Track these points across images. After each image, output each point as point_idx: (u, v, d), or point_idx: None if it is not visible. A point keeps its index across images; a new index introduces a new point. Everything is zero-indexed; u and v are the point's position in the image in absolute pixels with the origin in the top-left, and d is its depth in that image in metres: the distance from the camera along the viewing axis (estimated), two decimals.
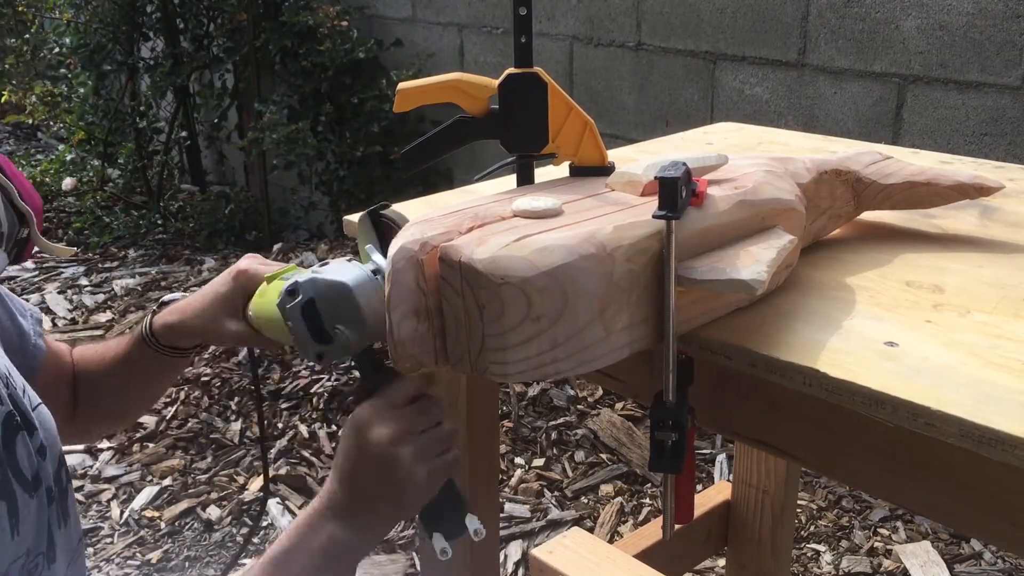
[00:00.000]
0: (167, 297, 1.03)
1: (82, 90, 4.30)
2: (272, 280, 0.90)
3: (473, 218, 0.75)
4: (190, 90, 4.33)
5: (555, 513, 2.31)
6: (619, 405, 2.72)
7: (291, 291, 0.79)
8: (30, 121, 4.84)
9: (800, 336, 0.74)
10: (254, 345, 0.99)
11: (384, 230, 0.81)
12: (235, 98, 4.21)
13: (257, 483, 2.43)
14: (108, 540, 2.27)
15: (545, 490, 2.41)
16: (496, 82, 0.89)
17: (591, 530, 2.24)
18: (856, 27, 2.31)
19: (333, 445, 2.52)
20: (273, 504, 2.35)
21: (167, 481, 2.46)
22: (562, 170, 0.94)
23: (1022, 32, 2.05)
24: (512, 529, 2.25)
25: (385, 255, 0.78)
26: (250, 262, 0.96)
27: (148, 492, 2.41)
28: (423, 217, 0.76)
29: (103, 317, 3.41)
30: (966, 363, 0.69)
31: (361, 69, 3.65)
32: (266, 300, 0.88)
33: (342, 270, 0.78)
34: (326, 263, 0.81)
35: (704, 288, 0.72)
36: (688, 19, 2.66)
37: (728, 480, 1.83)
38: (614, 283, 0.70)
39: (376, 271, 0.78)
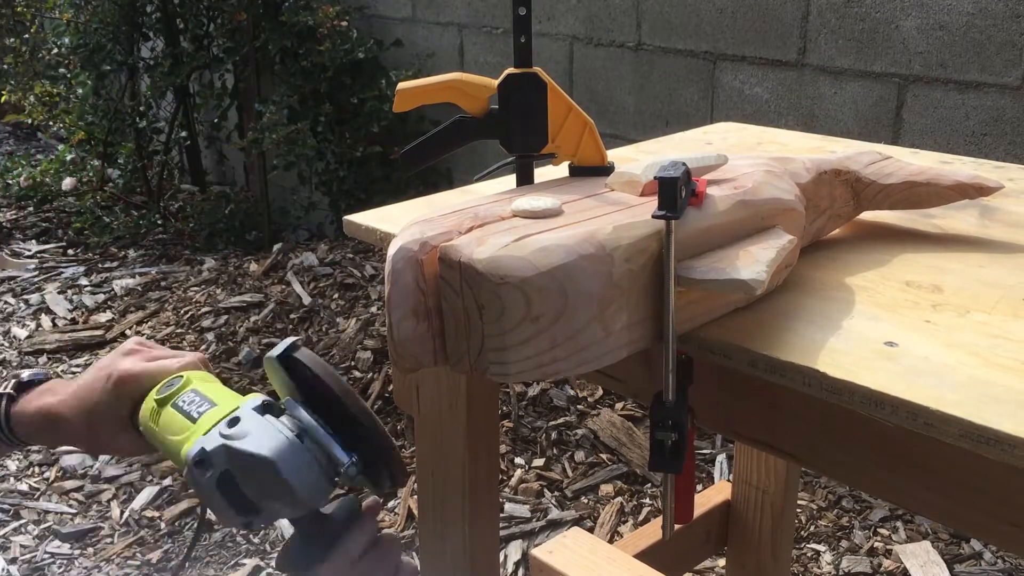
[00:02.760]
0: (25, 375, 0.87)
1: (81, 90, 4.30)
2: (164, 405, 0.77)
3: (473, 218, 0.75)
4: (190, 90, 4.33)
5: (555, 513, 2.31)
6: (619, 405, 2.72)
7: (199, 461, 0.68)
8: (30, 121, 4.84)
9: (800, 336, 0.74)
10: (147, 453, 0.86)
11: (298, 373, 0.71)
12: (235, 98, 4.22)
13: None
14: (108, 540, 2.27)
15: (545, 490, 2.41)
16: (496, 82, 0.89)
17: (591, 530, 2.24)
18: (856, 27, 2.31)
19: None
20: None
21: (167, 481, 2.46)
22: (562, 170, 0.94)
23: (1022, 32, 2.05)
24: (512, 529, 2.25)
25: (306, 401, 0.70)
26: (132, 363, 0.82)
27: (148, 492, 2.41)
28: (423, 217, 0.76)
29: (103, 317, 3.42)
30: (966, 363, 0.69)
31: (361, 69, 3.65)
32: (160, 428, 0.77)
33: (260, 435, 0.67)
34: (235, 417, 0.70)
35: (704, 288, 0.72)
36: (688, 19, 2.66)
37: (728, 480, 1.83)
38: (613, 283, 0.70)
39: (300, 434, 0.68)
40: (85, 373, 0.84)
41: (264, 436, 0.67)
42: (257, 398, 0.73)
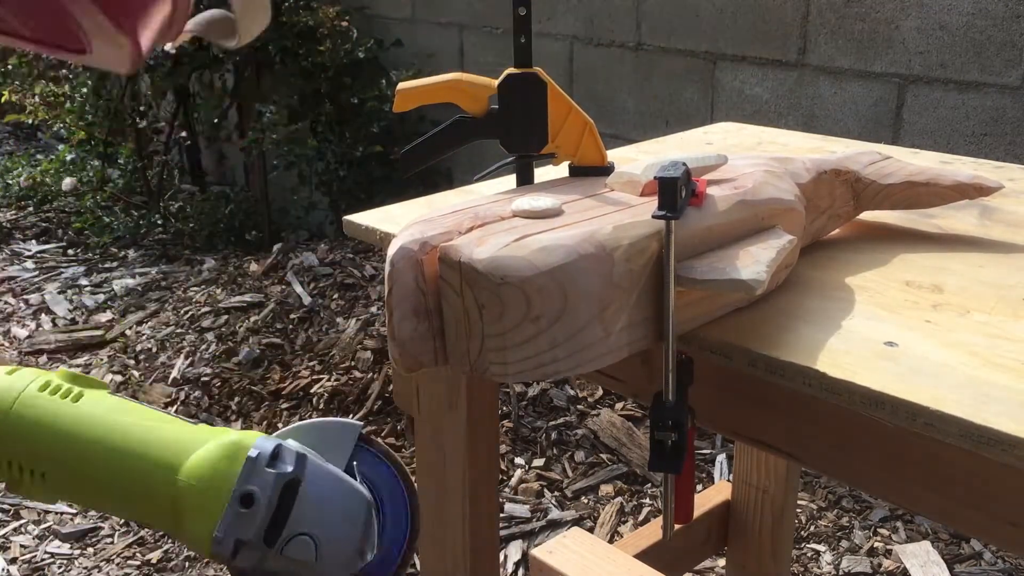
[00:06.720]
0: None
1: (83, 90, 4.30)
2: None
3: (473, 218, 0.75)
4: (190, 90, 4.33)
5: (555, 513, 2.31)
6: (619, 405, 2.72)
7: (275, 454, 0.60)
8: (30, 121, 4.85)
9: (800, 336, 0.74)
10: None
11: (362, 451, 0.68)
12: (235, 98, 4.21)
13: None
14: (108, 540, 2.27)
15: (545, 490, 2.41)
16: (496, 82, 0.89)
17: (591, 530, 2.24)
18: (856, 27, 2.31)
19: None
20: None
21: None
22: (561, 170, 0.94)
23: (1022, 32, 2.05)
24: (512, 529, 2.25)
25: (372, 485, 0.66)
26: None
27: None
28: (423, 217, 0.76)
29: (103, 317, 3.41)
30: (965, 363, 0.69)
31: (361, 69, 3.65)
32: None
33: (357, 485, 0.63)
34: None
35: (704, 288, 0.72)
36: (688, 19, 2.66)
37: (728, 480, 1.83)
38: (613, 283, 0.70)
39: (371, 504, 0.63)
40: None
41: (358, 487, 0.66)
42: None
